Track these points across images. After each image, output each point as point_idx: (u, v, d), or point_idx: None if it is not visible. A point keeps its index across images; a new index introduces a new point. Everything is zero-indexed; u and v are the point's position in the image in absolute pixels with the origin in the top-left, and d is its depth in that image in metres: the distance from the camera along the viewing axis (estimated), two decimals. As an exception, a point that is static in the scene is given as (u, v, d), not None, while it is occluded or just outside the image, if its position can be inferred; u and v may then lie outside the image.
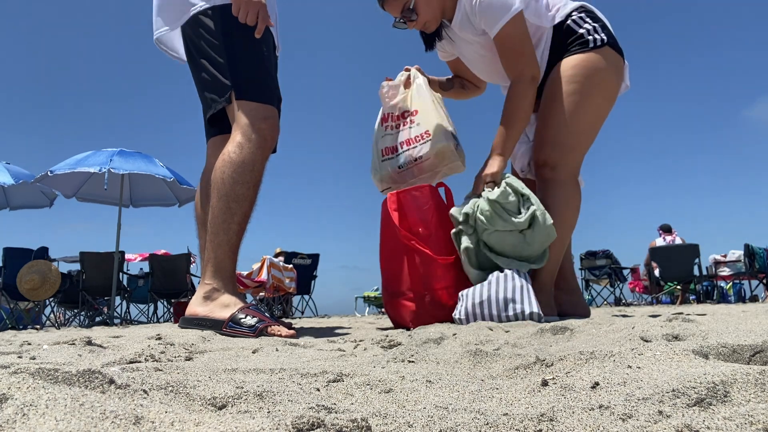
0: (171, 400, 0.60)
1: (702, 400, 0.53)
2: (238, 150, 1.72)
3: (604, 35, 2.07)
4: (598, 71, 2.03)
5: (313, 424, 0.48)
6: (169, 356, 1.11)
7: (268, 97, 1.81)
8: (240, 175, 1.70)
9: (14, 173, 6.96)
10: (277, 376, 0.81)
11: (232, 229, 1.69)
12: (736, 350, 0.78)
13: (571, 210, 2.05)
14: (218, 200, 1.70)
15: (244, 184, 1.70)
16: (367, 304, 11.97)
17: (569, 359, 0.81)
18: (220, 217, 1.69)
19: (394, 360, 0.98)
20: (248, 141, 1.73)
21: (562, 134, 2.02)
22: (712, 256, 9.40)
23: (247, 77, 1.80)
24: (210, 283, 1.68)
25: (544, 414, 0.53)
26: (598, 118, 2.09)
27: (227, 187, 1.70)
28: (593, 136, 2.12)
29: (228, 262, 1.70)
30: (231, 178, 1.70)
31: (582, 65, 2.04)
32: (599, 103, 2.07)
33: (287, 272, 8.20)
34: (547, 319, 1.76)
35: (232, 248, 1.70)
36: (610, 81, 2.07)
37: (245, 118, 1.76)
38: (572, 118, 2.02)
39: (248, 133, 1.74)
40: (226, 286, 1.69)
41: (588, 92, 2.02)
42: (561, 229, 1.98)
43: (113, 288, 6.46)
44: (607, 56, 2.06)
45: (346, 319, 5.01)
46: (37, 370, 0.59)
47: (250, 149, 1.72)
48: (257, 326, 1.57)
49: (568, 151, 2.03)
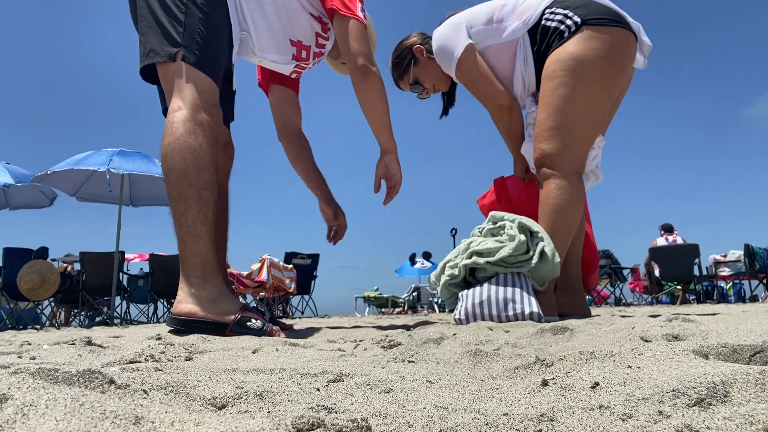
0: (171, 400, 0.60)
1: (702, 400, 0.53)
2: (192, 132, 1.61)
3: (577, 17, 2.01)
4: (579, 59, 1.97)
5: (313, 424, 0.48)
6: (169, 356, 1.11)
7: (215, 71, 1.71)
8: (203, 161, 1.60)
9: (14, 173, 6.97)
10: (277, 376, 0.81)
11: (209, 218, 1.59)
12: (736, 350, 0.78)
13: (571, 210, 1.98)
14: (188, 189, 1.57)
15: (209, 169, 1.61)
16: (367, 304, 11.98)
17: (569, 359, 0.81)
18: (194, 207, 1.57)
19: (394, 360, 0.98)
20: (201, 124, 1.62)
21: (553, 131, 1.98)
22: (712, 256, 9.41)
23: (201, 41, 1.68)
24: (199, 279, 1.56)
25: (544, 414, 0.53)
26: (590, 107, 2.01)
27: (194, 174, 1.58)
28: (591, 127, 2.03)
29: (211, 255, 1.59)
30: (195, 164, 1.58)
31: (560, 58, 2.00)
32: (588, 92, 1.98)
33: (287, 272, 8.20)
34: (547, 319, 1.76)
35: (212, 239, 1.61)
36: (597, 65, 1.97)
37: (195, 93, 1.65)
38: (561, 113, 1.98)
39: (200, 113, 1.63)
40: (218, 281, 1.59)
41: (572, 83, 1.96)
42: (559, 230, 1.97)
43: (113, 288, 6.46)
44: (588, 38, 1.98)
45: (346, 319, 5.01)
46: (37, 370, 0.59)
47: (204, 134, 1.62)
48: (264, 330, 1.54)
49: (563, 147, 1.97)
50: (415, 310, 11.65)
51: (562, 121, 1.98)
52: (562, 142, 1.98)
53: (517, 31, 2.11)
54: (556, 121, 1.98)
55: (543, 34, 2.08)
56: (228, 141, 2.04)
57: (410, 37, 2.46)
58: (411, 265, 12.86)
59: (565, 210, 1.97)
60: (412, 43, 2.43)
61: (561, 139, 1.98)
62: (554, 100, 1.99)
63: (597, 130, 2.07)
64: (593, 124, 2.03)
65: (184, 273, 1.58)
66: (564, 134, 1.98)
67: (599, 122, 2.06)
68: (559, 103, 1.98)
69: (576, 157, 2.01)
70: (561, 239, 1.98)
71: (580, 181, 2.03)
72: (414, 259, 12.90)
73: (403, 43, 2.46)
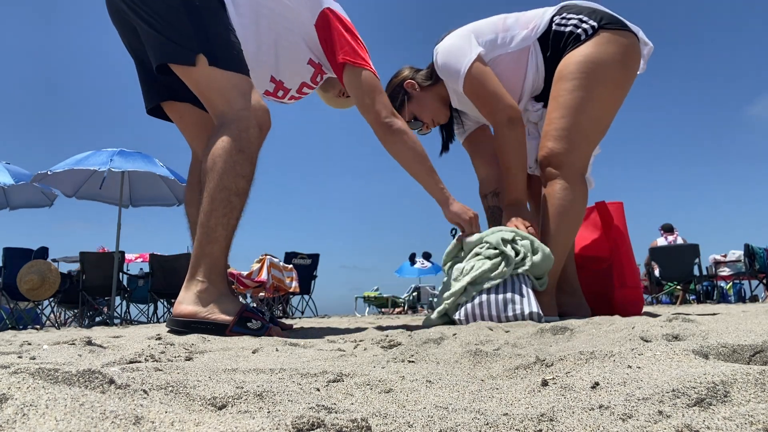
0: (171, 400, 0.60)
1: (702, 400, 0.53)
2: (237, 138, 1.59)
3: (593, 21, 2.02)
4: (597, 62, 1.97)
5: (313, 424, 0.48)
6: (169, 356, 1.11)
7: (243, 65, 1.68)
8: (242, 167, 1.59)
9: (14, 173, 6.97)
10: (277, 376, 0.81)
11: (231, 224, 1.60)
12: (736, 350, 0.78)
13: (575, 211, 1.99)
14: (219, 191, 1.57)
15: (244, 177, 1.60)
16: (367, 304, 11.98)
17: (569, 359, 0.81)
18: (221, 211, 1.57)
19: (394, 360, 0.98)
20: (246, 128, 1.61)
21: (564, 131, 1.97)
22: (712, 256, 9.41)
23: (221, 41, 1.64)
24: (204, 281, 1.57)
25: (544, 414, 0.53)
26: (604, 111, 2.02)
27: (229, 179, 1.57)
28: (600, 131, 2.05)
29: (223, 259, 1.61)
30: (233, 170, 1.58)
31: (579, 60, 1.99)
32: (603, 95, 2.00)
33: (287, 272, 8.20)
34: (548, 319, 1.76)
35: (228, 245, 1.61)
36: (613, 69, 1.99)
37: (235, 95, 1.62)
38: (575, 115, 1.97)
39: (245, 117, 1.62)
40: (221, 284, 1.60)
41: (588, 86, 1.96)
42: (563, 231, 1.97)
43: (113, 288, 6.47)
44: (607, 41, 1.99)
45: (346, 319, 5.01)
46: (37, 370, 0.59)
47: (249, 138, 1.61)
48: (263, 331, 1.54)
49: (571, 148, 1.97)
50: (415, 310, 11.65)
51: (575, 123, 1.97)
52: (570, 143, 1.97)
53: (527, 39, 2.10)
54: (569, 122, 1.97)
55: (556, 39, 2.07)
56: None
57: (400, 74, 2.37)
58: (411, 265, 12.87)
59: (569, 211, 1.97)
60: (403, 79, 2.34)
61: (570, 140, 1.97)
62: (570, 101, 1.98)
63: (604, 134, 2.07)
64: (603, 127, 2.05)
65: (191, 271, 1.59)
66: (574, 135, 1.97)
67: (608, 126, 2.06)
68: (575, 104, 1.97)
69: (583, 159, 2.01)
70: (564, 240, 1.98)
71: (584, 183, 2.03)
72: (414, 259, 12.91)
73: (393, 81, 2.37)
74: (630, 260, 2.37)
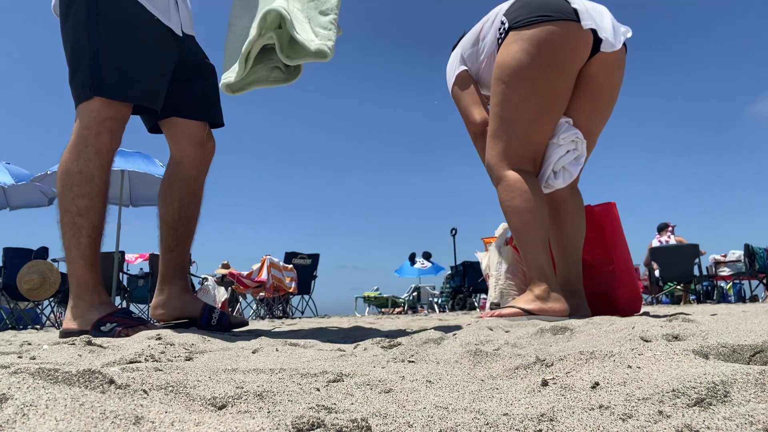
0: (171, 400, 0.60)
1: (702, 400, 0.53)
2: (75, 159, 1.68)
3: (508, 23, 2.06)
4: (502, 66, 2.04)
5: (313, 424, 0.48)
6: (169, 356, 1.11)
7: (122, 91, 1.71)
8: (79, 188, 1.67)
9: (14, 173, 6.97)
10: (277, 376, 0.81)
11: (83, 242, 1.68)
12: (736, 350, 0.78)
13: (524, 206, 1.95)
14: (63, 216, 1.68)
15: (85, 196, 1.67)
16: (367, 304, 11.98)
17: (569, 359, 0.81)
18: (69, 233, 1.67)
19: (394, 360, 0.98)
20: (84, 149, 1.68)
21: (491, 138, 2.10)
22: (712, 256, 9.39)
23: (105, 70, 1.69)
24: (72, 299, 1.69)
25: (544, 414, 0.53)
26: (519, 108, 2.02)
27: (68, 201, 1.67)
28: (523, 126, 2.03)
29: (86, 274, 1.69)
30: (71, 191, 1.67)
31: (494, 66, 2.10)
32: (514, 93, 2.01)
33: (287, 272, 8.20)
34: (547, 319, 1.76)
35: (87, 261, 1.69)
36: (518, 67, 1.99)
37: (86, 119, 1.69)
38: (495, 120, 2.08)
39: (85, 138, 1.68)
40: (90, 296, 1.69)
41: (498, 90, 2.06)
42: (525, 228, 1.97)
43: (113, 288, 6.46)
44: (512, 41, 2.02)
45: (346, 319, 5.01)
46: (37, 370, 0.59)
47: (87, 158, 1.68)
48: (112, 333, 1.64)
49: (500, 150, 2.06)
50: (415, 310, 11.64)
51: (497, 128, 2.08)
52: (497, 147, 2.07)
53: (492, 44, 2.17)
54: (492, 128, 2.10)
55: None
56: (203, 139, 2.01)
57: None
58: (411, 265, 12.86)
59: (519, 208, 1.97)
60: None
61: (496, 145, 2.08)
62: (491, 109, 2.11)
63: (534, 128, 2.05)
64: (524, 123, 2.04)
65: (70, 290, 1.73)
66: (498, 139, 2.07)
67: (533, 120, 2.04)
68: (493, 110, 2.10)
69: (513, 157, 2.04)
70: (531, 238, 1.96)
71: (529, 177, 2.02)
72: (414, 259, 12.90)
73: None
74: (626, 259, 2.38)
